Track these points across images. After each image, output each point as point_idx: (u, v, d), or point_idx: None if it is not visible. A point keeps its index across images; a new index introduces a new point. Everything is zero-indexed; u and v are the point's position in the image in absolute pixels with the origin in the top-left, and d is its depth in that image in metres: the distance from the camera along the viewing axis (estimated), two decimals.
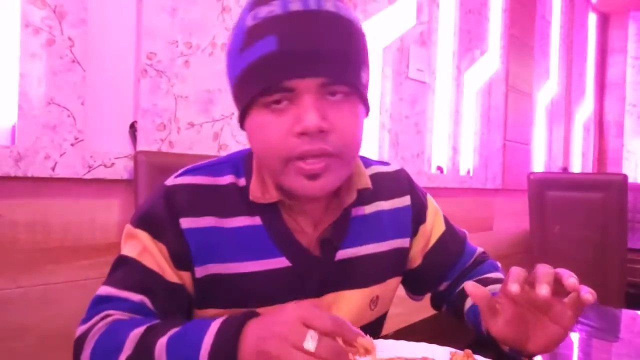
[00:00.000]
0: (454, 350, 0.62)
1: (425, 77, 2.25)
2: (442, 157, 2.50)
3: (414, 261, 0.82)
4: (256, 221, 0.67)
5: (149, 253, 0.64)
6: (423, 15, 2.22)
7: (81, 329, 0.61)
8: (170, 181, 0.68)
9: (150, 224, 0.65)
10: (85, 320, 0.61)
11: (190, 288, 0.67)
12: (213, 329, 0.53)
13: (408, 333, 0.72)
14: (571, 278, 0.58)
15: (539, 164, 3.50)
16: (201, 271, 0.65)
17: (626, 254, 2.03)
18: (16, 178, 1.00)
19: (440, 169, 2.47)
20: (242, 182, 0.68)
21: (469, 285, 0.63)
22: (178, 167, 0.72)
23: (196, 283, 0.66)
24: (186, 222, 0.64)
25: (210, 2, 1.35)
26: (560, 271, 0.59)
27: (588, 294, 0.57)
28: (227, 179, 0.68)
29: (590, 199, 2.11)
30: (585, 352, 0.80)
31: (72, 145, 1.08)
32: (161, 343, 0.54)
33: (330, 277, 0.70)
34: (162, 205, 0.65)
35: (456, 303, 0.80)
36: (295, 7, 0.58)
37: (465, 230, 0.90)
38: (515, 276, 0.59)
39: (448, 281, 0.84)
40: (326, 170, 0.60)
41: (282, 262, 0.67)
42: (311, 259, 0.69)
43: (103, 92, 1.18)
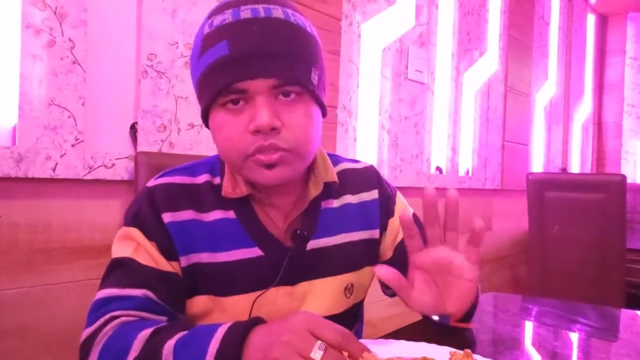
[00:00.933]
0: (454, 350, 0.63)
1: (424, 78, 2.25)
2: (441, 158, 2.51)
3: (386, 254, 0.84)
4: (230, 215, 0.71)
5: (143, 249, 0.67)
6: (422, 16, 2.23)
7: (87, 332, 0.61)
8: (151, 183, 0.72)
9: (140, 222, 0.68)
10: (89, 324, 0.62)
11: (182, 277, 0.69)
12: (219, 334, 0.54)
13: (408, 333, 0.73)
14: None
15: (538, 165, 3.50)
16: (185, 261, 0.69)
17: (625, 254, 2.04)
18: (17, 179, 1.00)
19: (439, 170, 2.48)
20: (217, 181, 0.73)
21: (380, 269, 0.61)
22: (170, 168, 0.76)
23: (183, 272, 0.69)
24: (168, 217, 0.68)
25: (210, 3, 1.35)
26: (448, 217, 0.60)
27: (477, 221, 0.58)
28: (203, 178, 0.73)
29: (589, 200, 2.12)
30: (584, 352, 0.80)
31: (73, 146, 1.08)
32: (168, 346, 0.55)
33: (302, 266, 0.74)
34: (146, 204, 0.69)
35: None
36: (245, 15, 0.63)
37: None
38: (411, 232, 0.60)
39: None
40: (280, 161, 0.64)
41: (256, 252, 0.71)
42: (283, 249, 0.72)
43: (103, 93, 1.18)
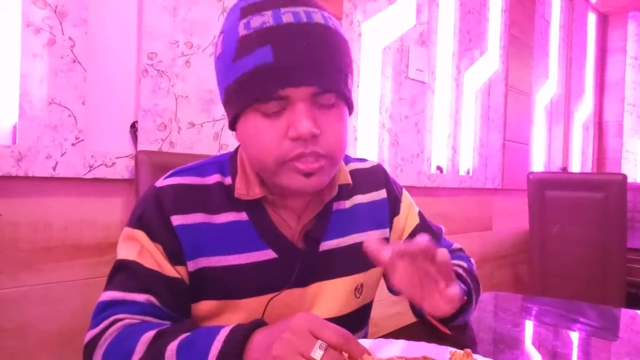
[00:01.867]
0: (454, 349, 0.63)
1: (425, 77, 2.25)
2: (442, 157, 2.50)
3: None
4: (242, 216, 0.71)
5: (148, 252, 0.66)
6: (423, 15, 2.23)
7: (90, 335, 0.62)
8: (159, 183, 0.71)
9: (145, 225, 0.67)
10: (93, 326, 0.62)
11: (188, 282, 0.69)
12: (222, 336, 0.54)
13: (408, 333, 0.73)
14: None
15: (539, 164, 3.50)
16: (193, 265, 0.68)
17: (625, 254, 2.04)
18: (17, 178, 1.00)
19: (440, 169, 2.47)
20: (228, 181, 0.72)
21: (369, 241, 0.58)
22: (179, 167, 0.74)
23: (189, 277, 0.68)
24: (177, 220, 0.67)
25: (211, 2, 1.35)
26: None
27: (440, 254, 0.56)
28: (214, 179, 0.72)
29: (589, 199, 2.12)
30: (584, 351, 0.80)
31: (73, 145, 1.08)
32: (171, 348, 0.55)
33: (314, 268, 0.74)
34: (153, 205, 0.68)
35: None
36: (287, 19, 0.61)
37: (441, 226, 0.93)
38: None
39: None
40: (320, 170, 0.64)
41: (269, 254, 0.71)
42: (296, 251, 0.72)
43: (104, 92, 1.18)
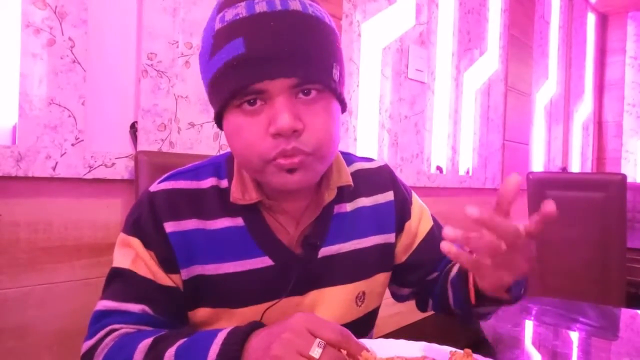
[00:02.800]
0: (454, 349, 0.63)
1: (424, 78, 2.25)
2: (442, 157, 2.50)
3: (399, 257, 0.81)
4: (238, 222, 0.68)
5: (142, 260, 0.64)
6: (422, 15, 2.23)
7: (87, 345, 0.61)
8: (153, 187, 0.68)
9: (140, 231, 0.65)
10: (89, 336, 0.62)
11: (182, 290, 0.67)
12: (219, 339, 0.54)
13: (408, 333, 0.72)
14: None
15: (538, 164, 3.50)
16: (187, 273, 0.66)
17: (625, 254, 2.04)
18: (17, 178, 1.00)
19: (439, 169, 2.47)
20: (224, 184, 0.69)
21: (448, 229, 0.54)
22: (178, 167, 0.73)
23: (184, 285, 0.66)
24: (170, 226, 0.65)
25: (210, 3, 1.35)
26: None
27: (548, 204, 0.51)
28: (209, 182, 0.69)
29: (589, 199, 2.12)
30: (584, 351, 0.80)
31: (73, 145, 1.08)
32: (169, 353, 0.55)
33: (313, 275, 0.70)
34: (147, 211, 0.65)
35: (442, 283, 0.77)
36: (260, 9, 0.57)
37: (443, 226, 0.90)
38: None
39: (437, 272, 0.81)
40: (301, 165, 0.60)
41: (265, 262, 0.68)
42: (293, 258, 0.69)
43: (104, 92, 1.18)
